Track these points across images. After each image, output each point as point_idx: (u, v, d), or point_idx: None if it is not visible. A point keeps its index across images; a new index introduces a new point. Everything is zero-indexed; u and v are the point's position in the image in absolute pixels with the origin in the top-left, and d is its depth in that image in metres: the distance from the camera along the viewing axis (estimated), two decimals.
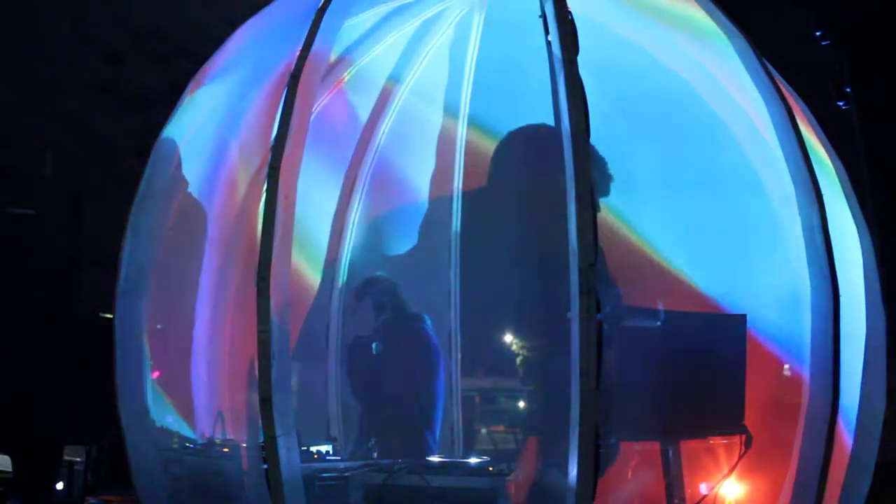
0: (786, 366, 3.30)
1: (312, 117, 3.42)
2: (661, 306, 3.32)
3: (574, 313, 2.65)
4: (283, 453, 2.85)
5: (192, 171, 3.80)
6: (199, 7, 7.08)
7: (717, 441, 3.23)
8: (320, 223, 4.67)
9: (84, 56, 7.12)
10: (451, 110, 4.69)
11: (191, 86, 3.79)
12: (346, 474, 3.15)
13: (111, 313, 3.61)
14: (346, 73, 4.46)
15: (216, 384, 3.69)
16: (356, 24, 4.17)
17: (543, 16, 3.17)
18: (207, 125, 3.79)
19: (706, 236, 3.49)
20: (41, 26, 6.95)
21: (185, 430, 3.62)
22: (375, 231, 4.71)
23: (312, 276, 4.55)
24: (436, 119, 4.73)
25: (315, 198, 4.53)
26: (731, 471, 3.13)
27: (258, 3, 3.88)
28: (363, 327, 4.18)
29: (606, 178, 3.39)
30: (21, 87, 6.67)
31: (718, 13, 3.42)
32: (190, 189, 3.80)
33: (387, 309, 4.13)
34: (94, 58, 7.16)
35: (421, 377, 4.04)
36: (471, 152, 4.61)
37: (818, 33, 6.15)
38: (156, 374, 3.68)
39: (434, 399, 4.02)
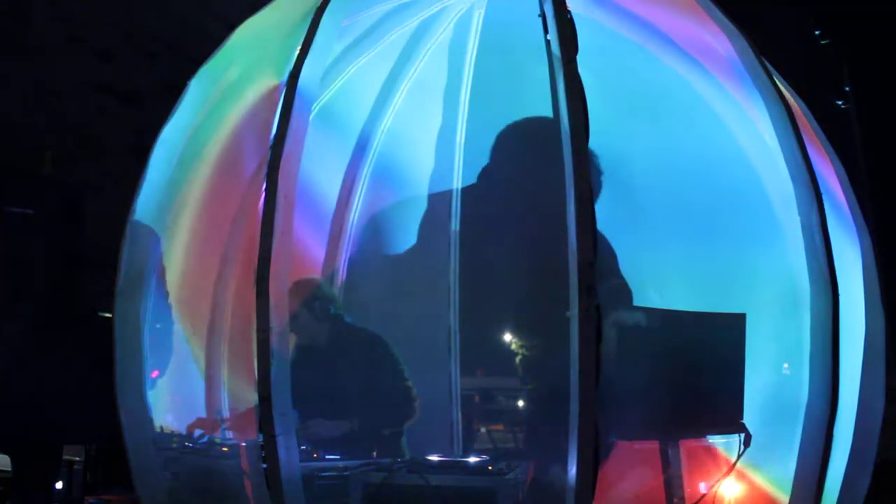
0: (785, 365, 3.30)
1: (311, 116, 3.42)
2: (660, 305, 3.32)
3: (573, 312, 2.65)
4: (282, 453, 2.86)
5: (191, 170, 3.80)
6: (192, 5, 7.07)
7: (717, 440, 3.23)
8: (319, 222, 4.67)
9: (77, 54, 7.11)
10: (450, 109, 4.69)
11: (189, 85, 3.80)
12: (346, 473, 3.15)
13: (111, 313, 3.61)
14: (345, 73, 4.46)
15: (216, 384, 3.69)
16: (355, 23, 4.17)
17: (542, 15, 3.17)
18: (206, 124, 3.79)
19: (705, 235, 3.49)
20: (36, 25, 6.95)
21: (185, 430, 3.62)
22: (374, 230, 4.71)
23: (312, 276, 4.54)
24: (435, 118, 4.73)
25: (314, 197, 4.54)
26: (730, 470, 3.14)
27: (253, 1, 3.88)
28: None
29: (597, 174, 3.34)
30: (17, 86, 6.67)
31: (718, 13, 3.42)
32: (189, 188, 3.80)
33: (331, 317, 4.06)
34: (87, 56, 7.15)
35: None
36: (470, 151, 4.61)
37: (817, 32, 6.15)
38: (155, 374, 3.68)
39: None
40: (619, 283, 3.33)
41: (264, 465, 2.88)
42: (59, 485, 4.63)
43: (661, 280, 3.43)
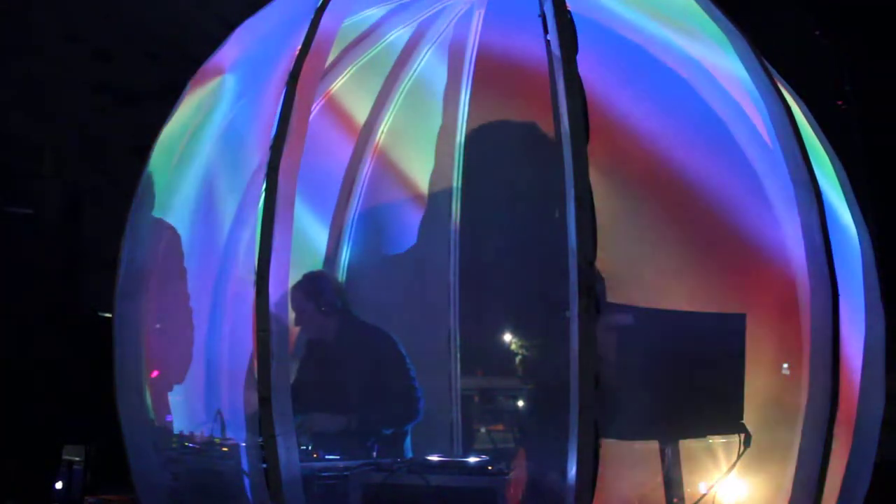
0: (785, 365, 3.30)
1: (311, 116, 3.42)
2: (660, 306, 3.32)
3: (573, 312, 2.65)
4: (282, 453, 2.86)
5: (191, 170, 3.80)
6: (192, 5, 7.07)
7: (717, 440, 3.23)
8: (319, 222, 4.67)
9: (76, 54, 7.11)
10: (450, 109, 4.69)
11: (189, 85, 3.79)
12: (346, 473, 3.15)
13: (111, 313, 3.62)
14: (345, 73, 4.46)
15: (216, 384, 3.69)
16: (355, 23, 4.17)
17: (542, 15, 3.17)
18: (206, 124, 3.79)
19: (705, 236, 3.49)
20: (34, 25, 6.95)
21: (185, 430, 3.62)
22: (374, 230, 4.71)
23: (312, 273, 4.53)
24: (435, 117, 4.73)
25: (314, 197, 4.54)
26: (730, 470, 3.13)
27: (253, 1, 3.88)
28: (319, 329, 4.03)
29: None
30: (16, 86, 6.67)
31: (718, 12, 3.42)
32: (189, 188, 3.80)
33: (338, 312, 3.99)
34: (86, 56, 7.15)
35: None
36: (470, 151, 4.61)
37: (818, 33, 6.15)
38: (155, 374, 3.68)
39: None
40: (603, 288, 3.32)
41: (264, 465, 2.88)
42: (59, 485, 4.62)
43: (661, 280, 3.43)
